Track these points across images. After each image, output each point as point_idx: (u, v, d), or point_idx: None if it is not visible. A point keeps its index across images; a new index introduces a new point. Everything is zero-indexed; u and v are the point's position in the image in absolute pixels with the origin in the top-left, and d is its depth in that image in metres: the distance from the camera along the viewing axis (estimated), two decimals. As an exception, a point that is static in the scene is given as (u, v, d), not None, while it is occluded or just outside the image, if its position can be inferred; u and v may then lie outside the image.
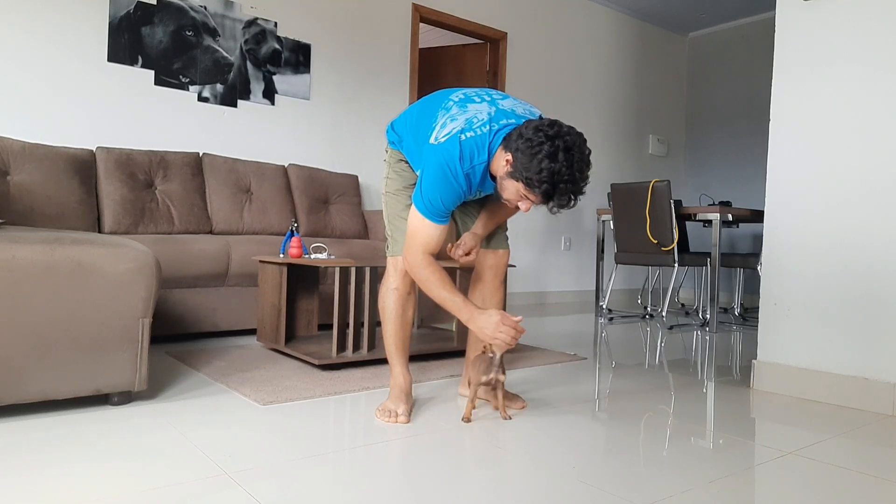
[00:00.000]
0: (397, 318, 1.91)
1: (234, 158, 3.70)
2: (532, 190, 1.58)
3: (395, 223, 1.92)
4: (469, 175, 1.67)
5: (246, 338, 3.17)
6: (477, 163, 1.66)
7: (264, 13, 3.99)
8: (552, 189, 1.56)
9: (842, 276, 2.22)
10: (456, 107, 1.71)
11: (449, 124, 1.68)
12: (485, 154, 1.67)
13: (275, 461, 1.46)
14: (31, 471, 1.36)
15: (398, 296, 1.90)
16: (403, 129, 1.89)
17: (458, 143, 1.64)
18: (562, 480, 1.41)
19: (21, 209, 2.90)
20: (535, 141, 1.55)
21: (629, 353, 3.12)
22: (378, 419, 1.82)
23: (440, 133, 1.68)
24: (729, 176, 6.41)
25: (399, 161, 1.93)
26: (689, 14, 6.25)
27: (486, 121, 1.67)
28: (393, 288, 1.90)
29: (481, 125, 1.67)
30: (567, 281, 5.80)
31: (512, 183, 1.62)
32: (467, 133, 1.65)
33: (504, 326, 1.67)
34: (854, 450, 1.70)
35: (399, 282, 1.90)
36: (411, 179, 1.91)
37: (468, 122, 1.67)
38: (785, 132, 2.40)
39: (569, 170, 1.54)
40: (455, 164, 1.64)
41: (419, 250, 1.73)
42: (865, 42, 2.19)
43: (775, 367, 2.37)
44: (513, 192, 1.64)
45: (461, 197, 1.72)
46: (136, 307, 1.81)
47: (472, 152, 1.65)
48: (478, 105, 1.71)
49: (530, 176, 1.55)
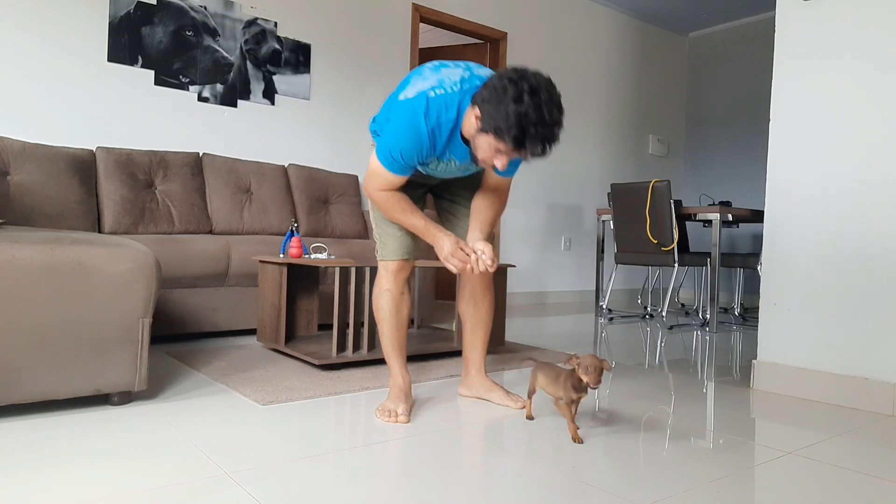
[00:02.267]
0: (392, 319, 1.91)
1: (234, 158, 3.70)
2: (502, 139, 1.50)
3: (382, 226, 1.90)
4: (434, 132, 1.61)
5: (246, 338, 3.17)
6: (444, 120, 1.60)
7: (264, 13, 3.99)
8: (522, 134, 1.48)
9: (841, 277, 2.22)
10: (429, 70, 1.67)
11: (419, 83, 1.63)
12: (453, 112, 1.60)
13: (275, 461, 1.46)
14: (31, 470, 1.36)
15: (391, 297, 1.90)
16: (381, 118, 1.82)
17: (425, 98, 1.59)
18: (562, 480, 1.41)
19: (21, 209, 2.90)
20: (500, 87, 1.49)
21: (629, 353, 3.12)
22: (378, 419, 1.82)
23: (409, 91, 1.63)
24: (729, 176, 6.41)
25: None
26: (689, 14, 6.25)
27: (458, 81, 1.62)
28: (385, 289, 1.90)
29: (452, 84, 1.61)
30: (567, 281, 5.80)
31: (483, 138, 1.55)
32: (437, 90, 1.60)
33: (459, 253, 1.68)
34: (854, 450, 1.70)
35: (391, 283, 1.90)
36: None
37: (440, 81, 1.62)
38: (785, 132, 2.40)
39: (536, 112, 1.46)
40: (419, 119, 1.58)
41: (377, 188, 1.71)
42: (865, 42, 2.19)
43: (775, 367, 2.37)
44: (485, 149, 1.57)
45: (423, 155, 1.65)
46: (136, 307, 1.81)
47: (439, 109, 1.59)
48: (452, 69, 1.67)
49: (498, 124, 1.48)
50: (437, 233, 1.71)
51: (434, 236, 1.71)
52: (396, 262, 1.90)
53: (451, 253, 1.68)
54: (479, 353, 2.08)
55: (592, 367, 1.63)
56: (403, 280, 1.92)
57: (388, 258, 1.89)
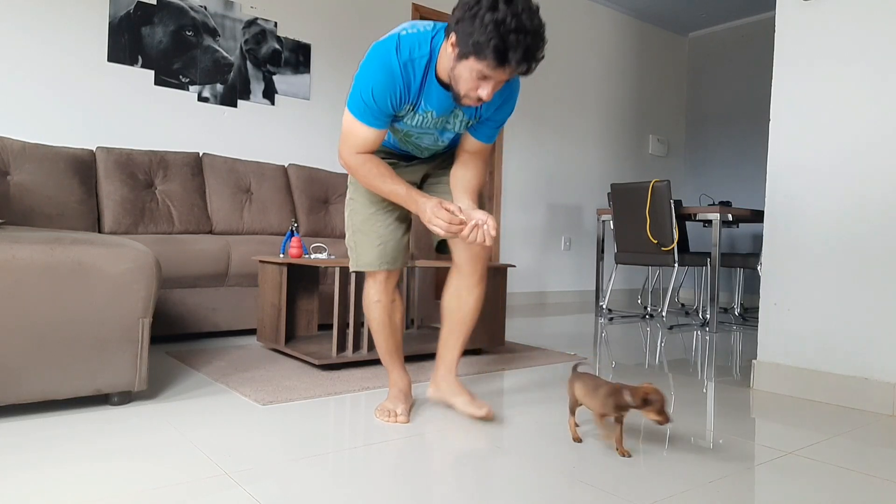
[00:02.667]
0: (386, 328, 1.86)
1: (234, 158, 3.70)
2: (483, 56, 1.39)
3: (359, 235, 1.82)
4: (406, 67, 1.52)
5: (246, 338, 3.17)
6: (417, 55, 1.53)
7: (264, 13, 3.99)
8: (503, 43, 1.37)
9: (842, 277, 2.22)
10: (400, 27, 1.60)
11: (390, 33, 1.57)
12: (426, 48, 1.53)
13: (275, 461, 1.46)
14: (32, 471, 1.36)
15: (382, 308, 1.84)
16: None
17: (396, 37, 1.53)
18: (562, 480, 1.41)
19: (21, 209, 2.91)
20: (472, 1, 1.40)
21: (629, 353, 3.12)
22: (377, 419, 1.82)
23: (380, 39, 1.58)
24: (729, 176, 6.41)
25: None
26: (689, 14, 6.25)
27: (431, 25, 1.57)
28: (375, 301, 1.84)
29: (425, 26, 1.56)
30: (567, 281, 5.80)
31: (463, 65, 1.45)
32: (408, 30, 1.54)
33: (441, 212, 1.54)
34: (854, 450, 1.70)
35: (381, 294, 1.83)
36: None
37: (413, 25, 1.56)
38: (785, 132, 2.40)
39: (515, 18, 1.36)
40: (391, 55, 1.51)
41: (352, 150, 1.62)
42: (865, 41, 2.19)
43: (775, 367, 2.37)
44: (467, 79, 1.46)
45: (397, 97, 1.55)
46: (136, 307, 1.81)
47: (411, 45, 1.52)
48: (424, 22, 1.61)
49: (476, 39, 1.38)
50: (419, 198, 1.59)
51: (416, 202, 1.60)
52: (379, 272, 1.82)
53: (433, 213, 1.54)
54: (453, 354, 1.91)
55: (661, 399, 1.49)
56: (393, 287, 1.85)
57: (369, 268, 1.81)
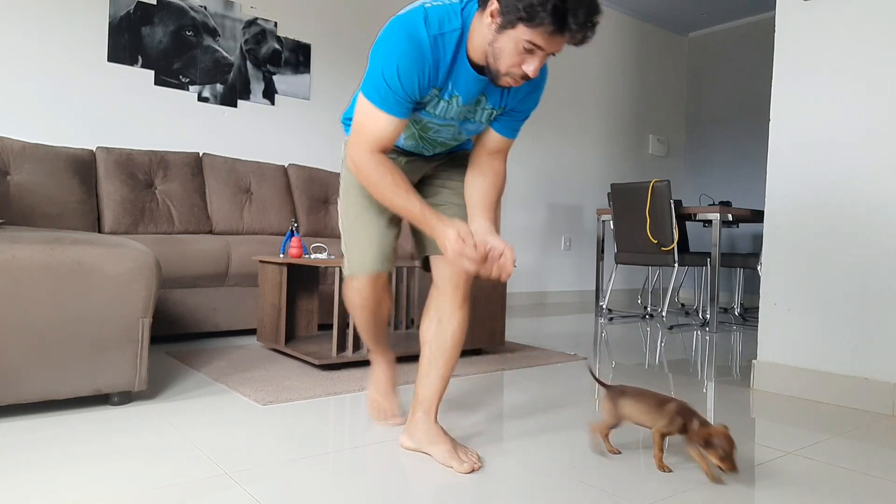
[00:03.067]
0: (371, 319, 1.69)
1: (234, 158, 3.70)
2: (536, 20, 1.18)
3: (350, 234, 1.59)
4: (437, 42, 1.29)
5: (246, 338, 3.17)
6: (448, 29, 1.30)
7: (264, 13, 3.99)
8: (562, 3, 1.16)
9: (842, 277, 2.22)
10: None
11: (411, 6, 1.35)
12: (457, 20, 1.31)
13: (275, 461, 1.46)
14: (32, 471, 1.36)
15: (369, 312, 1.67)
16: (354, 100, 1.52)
17: (421, 9, 1.29)
18: (562, 480, 1.41)
19: (21, 209, 2.91)
20: None
21: (629, 353, 3.12)
22: (371, 416, 1.83)
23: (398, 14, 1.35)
24: (729, 176, 6.41)
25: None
26: (689, 14, 6.25)
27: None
28: (360, 307, 1.65)
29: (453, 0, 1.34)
30: (567, 281, 5.80)
31: (507, 35, 1.23)
32: (434, 2, 1.31)
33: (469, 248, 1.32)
34: (854, 450, 1.70)
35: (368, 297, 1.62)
36: None
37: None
38: (785, 132, 2.40)
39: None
40: (419, 28, 1.27)
41: (366, 147, 1.37)
42: (865, 41, 2.19)
43: (775, 367, 2.37)
44: (511, 52, 1.25)
45: (425, 78, 1.31)
46: (136, 307, 1.81)
47: (440, 17, 1.30)
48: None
49: (529, 2, 1.16)
50: (437, 223, 1.36)
51: (433, 227, 1.36)
52: (367, 277, 1.58)
53: (458, 250, 1.32)
54: (431, 391, 1.55)
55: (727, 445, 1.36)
56: (382, 288, 1.62)
57: (356, 273, 1.58)
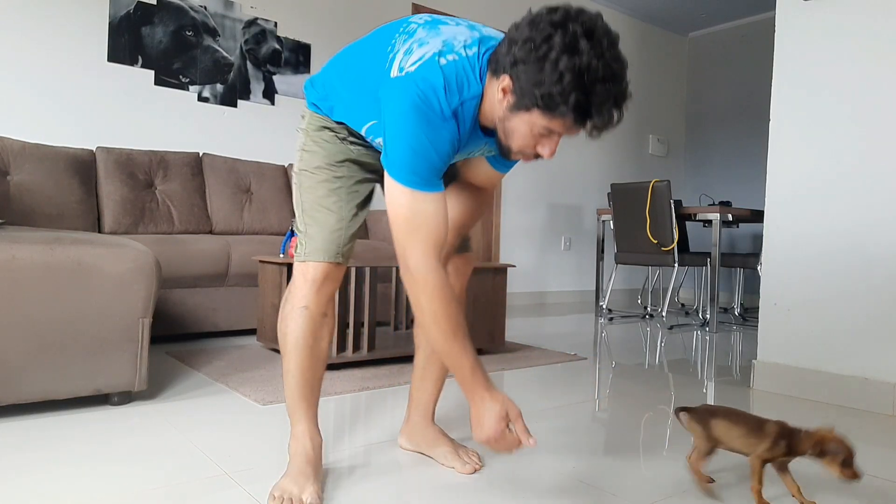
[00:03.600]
0: (305, 351, 1.32)
1: (234, 158, 3.70)
2: (556, 111, 1.04)
3: (313, 214, 1.32)
4: (457, 114, 1.13)
5: (246, 338, 3.17)
6: (468, 96, 1.13)
7: (264, 13, 4.00)
8: (586, 97, 1.02)
9: (842, 276, 2.22)
10: (423, 29, 1.17)
11: (417, 49, 1.13)
12: (477, 85, 1.14)
13: (275, 461, 1.46)
14: (31, 471, 1.36)
15: (308, 318, 1.30)
16: (333, 80, 1.30)
17: (437, 67, 1.10)
18: (562, 480, 1.41)
19: (21, 209, 2.91)
20: (539, 37, 1.03)
21: (629, 353, 3.12)
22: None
23: (406, 61, 1.12)
24: (729, 176, 6.41)
25: (322, 128, 1.34)
26: (689, 14, 6.25)
27: (473, 42, 1.15)
28: (301, 307, 1.30)
29: (466, 46, 1.14)
30: (567, 281, 5.80)
31: (521, 118, 1.09)
32: (448, 56, 1.11)
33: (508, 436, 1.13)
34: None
35: (311, 298, 1.31)
36: (339, 153, 1.33)
37: (446, 43, 1.13)
38: (785, 132, 2.40)
39: (601, 60, 1.02)
40: (439, 97, 1.10)
41: (431, 251, 1.13)
42: (865, 41, 2.19)
43: (775, 367, 2.37)
44: (524, 134, 1.11)
45: (455, 147, 1.17)
46: (136, 307, 1.81)
47: (460, 80, 1.12)
48: (454, 27, 1.18)
49: (548, 91, 1.02)
50: (486, 392, 1.14)
51: (478, 394, 1.14)
52: (323, 265, 1.30)
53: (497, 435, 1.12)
54: (428, 394, 1.54)
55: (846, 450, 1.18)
56: (329, 295, 1.33)
57: (311, 258, 1.31)
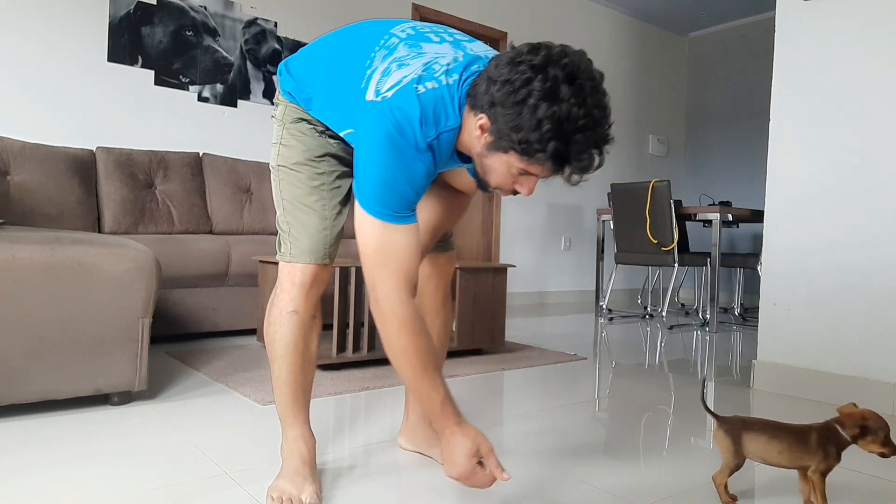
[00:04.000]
0: (296, 356, 1.29)
1: (234, 158, 3.70)
2: (534, 157, 1.02)
3: (296, 214, 1.28)
4: (433, 146, 1.09)
5: (246, 338, 3.17)
6: (445, 129, 1.09)
7: (264, 13, 3.99)
8: (563, 146, 1.00)
9: (842, 276, 2.22)
10: (404, 46, 1.13)
11: (395, 71, 1.09)
12: (455, 117, 1.10)
13: (275, 461, 1.46)
14: (32, 471, 1.36)
15: (298, 322, 1.28)
16: (310, 73, 1.24)
17: (414, 96, 1.06)
18: (562, 480, 1.41)
19: (21, 209, 2.91)
20: (519, 80, 1.00)
21: (629, 353, 3.12)
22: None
23: (383, 83, 1.08)
24: (729, 176, 6.41)
25: (299, 120, 1.27)
26: (689, 14, 6.25)
27: (455, 67, 1.10)
28: (290, 311, 1.27)
29: (446, 72, 1.09)
30: (567, 281, 5.80)
31: (499, 158, 1.06)
32: (427, 83, 1.07)
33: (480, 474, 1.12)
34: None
35: (300, 301, 1.28)
36: (318, 148, 1.27)
37: (427, 67, 1.09)
38: (785, 132, 2.40)
39: (582, 108, 0.98)
40: (415, 129, 1.06)
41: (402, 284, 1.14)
42: (865, 42, 2.19)
43: (775, 367, 2.37)
44: (502, 173, 1.08)
45: (431, 178, 1.14)
46: (136, 307, 1.81)
47: (437, 112, 1.08)
48: (437, 46, 1.14)
49: (526, 137, 1.00)
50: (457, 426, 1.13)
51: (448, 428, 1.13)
52: (311, 268, 1.27)
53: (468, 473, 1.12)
54: None
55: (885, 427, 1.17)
56: (317, 298, 1.31)
57: (298, 260, 1.27)
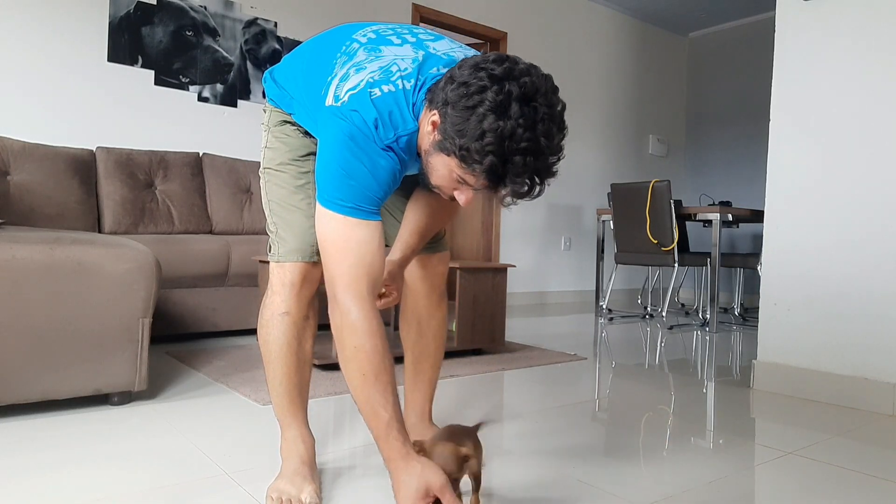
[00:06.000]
0: (291, 357, 1.29)
1: (234, 158, 3.70)
2: (470, 167, 1.00)
3: (282, 214, 1.28)
4: (393, 148, 1.09)
5: (246, 338, 3.17)
6: (403, 132, 1.09)
7: (264, 13, 3.99)
8: (500, 163, 0.97)
9: (842, 276, 2.22)
10: (364, 50, 1.13)
11: (353, 76, 1.09)
12: (412, 122, 1.09)
13: (275, 461, 1.46)
14: (32, 471, 1.36)
15: (290, 324, 1.28)
16: (288, 80, 1.27)
17: (369, 101, 1.06)
18: (562, 480, 1.41)
19: (21, 209, 2.91)
20: (475, 85, 0.98)
21: (629, 353, 3.12)
22: None
23: (341, 88, 1.09)
24: (729, 176, 6.41)
25: (283, 123, 1.31)
26: (689, 14, 6.25)
27: (413, 71, 1.10)
28: (281, 312, 1.27)
29: (403, 76, 1.09)
30: (567, 281, 5.80)
31: (441, 159, 1.05)
32: (383, 87, 1.07)
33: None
34: (854, 450, 1.70)
35: (291, 302, 1.28)
36: (302, 147, 1.30)
37: (384, 71, 1.09)
38: (785, 132, 2.40)
39: (528, 131, 0.97)
40: (369, 135, 1.05)
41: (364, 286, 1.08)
42: (865, 42, 2.19)
43: (775, 367, 2.37)
44: (443, 175, 1.06)
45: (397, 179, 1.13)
46: (136, 307, 1.81)
47: (394, 116, 1.07)
48: (397, 48, 1.13)
49: (467, 144, 0.98)
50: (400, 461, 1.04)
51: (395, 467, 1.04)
52: (299, 266, 1.27)
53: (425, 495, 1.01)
54: (422, 395, 1.55)
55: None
56: (310, 298, 1.30)
57: (286, 259, 1.27)
